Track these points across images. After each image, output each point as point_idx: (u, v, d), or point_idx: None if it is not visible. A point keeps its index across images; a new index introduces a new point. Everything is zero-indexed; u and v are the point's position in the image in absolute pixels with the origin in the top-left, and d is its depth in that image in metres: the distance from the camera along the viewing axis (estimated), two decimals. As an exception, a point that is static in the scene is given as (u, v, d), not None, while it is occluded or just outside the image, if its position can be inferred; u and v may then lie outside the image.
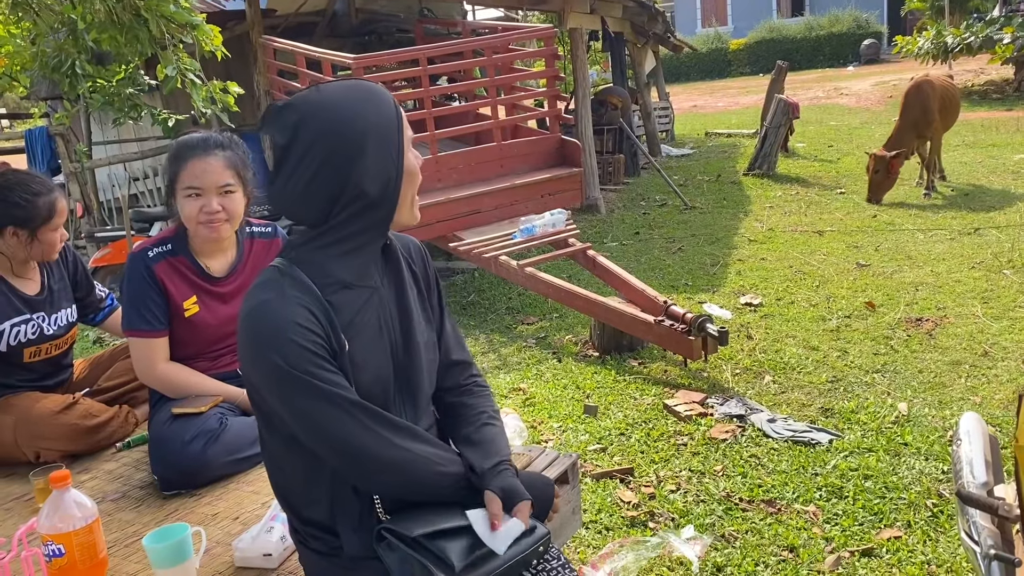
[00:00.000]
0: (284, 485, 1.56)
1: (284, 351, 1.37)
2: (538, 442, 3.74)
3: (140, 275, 2.33)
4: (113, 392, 2.71)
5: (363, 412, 1.41)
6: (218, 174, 2.30)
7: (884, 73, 20.50)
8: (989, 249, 6.13)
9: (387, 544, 1.42)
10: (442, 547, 1.37)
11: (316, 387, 1.38)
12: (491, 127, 6.76)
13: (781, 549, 2.77)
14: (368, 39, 10.01)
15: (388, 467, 1.42)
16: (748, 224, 7.85)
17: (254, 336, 1.40)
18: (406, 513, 1.46)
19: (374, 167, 1.42)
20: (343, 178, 1.41)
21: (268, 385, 1.41)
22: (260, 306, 1.41)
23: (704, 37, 30.36)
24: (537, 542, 1.46)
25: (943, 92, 8.09)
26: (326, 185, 1.41)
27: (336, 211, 1.43)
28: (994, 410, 3.61)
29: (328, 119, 1.41)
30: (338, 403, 1.39)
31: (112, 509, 2.16)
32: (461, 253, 5.80)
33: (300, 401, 1.39)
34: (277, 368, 1.37)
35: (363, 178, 1.42)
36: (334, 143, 1.40)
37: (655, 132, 12.80)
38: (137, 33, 5.00)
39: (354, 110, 1.43)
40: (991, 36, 15.22)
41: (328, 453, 1.43)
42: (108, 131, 9.43)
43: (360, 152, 1.41)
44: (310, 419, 1.39)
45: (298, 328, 1.38)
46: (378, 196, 1.44)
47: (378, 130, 1.43)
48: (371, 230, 1.48)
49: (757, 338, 4.76)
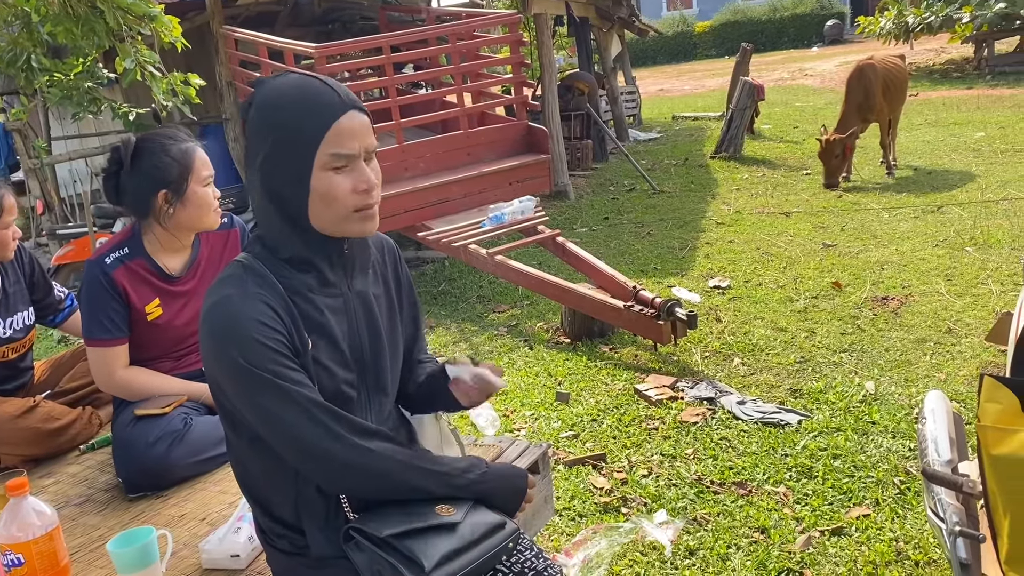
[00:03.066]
0: (250, 484, 1.53)
1: (246, 349, 1.35)
2: (511, 431, 3.74)
3: (99, 283, 2.28)
4: (76, 394, 2.66)
5: (326, 413, 1.38)
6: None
7: (848, 53, 20.64)
8: (952, 227, 6.21)
9: (355, 544, 1.40)
10: (411, 547, 1.35)
11: (278, 386, 1.35)
12: (457, 115, 6.72)
13: (752, 531, 2.80)
14: (332, 28, 9.90)
15: (353, 469, 1.40)
16: (715, 207, 7.89)
17: (215, 333, 1.38)
18: (374, 512, 1.44)
19: (281, 167, 1.39)
20: (267, 174, 1.40)
21: (230, 383, 1.39)
22: (221, 302, 1.38)
23: (670, 20, 30.44)
24: (507, 538, 1.45)
25: (886, 75, 8.06)
26: (259, 180, 1.41)
27: (274, 207, 1.42)
28: (958, 386, 3.66)
29: (265, 110, 1.40)
30: (301, 404, 1.36)
31: (76, 513, 2.13)
32: (430, 243, 5.78)
33: (262, 401, 1.36)
34: (239, 366, 1.35)
35: (271, 177, 1.40)
36: (272, 136, 1.38)
37: (622, 117, 12.81)
38: (93, 25, 4.90)
39: (284, 104, 1.38)
40: (951, 15, 15.37)
41: (292, 455, 1.40)
42: (68, 126, 9.26)
43: (263, 147, 1.39)
44: (273, 419, 1.37)
45: (260, 326, 1.36)
46: (287, 200, 1.41)
47: (285, 131, 1.37)
48: (294, 235, 1.44)
49: (726, 321, 4.80)
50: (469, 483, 1.49)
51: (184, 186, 2.27)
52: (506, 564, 1.53)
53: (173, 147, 2.26)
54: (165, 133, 2.32)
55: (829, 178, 8.07)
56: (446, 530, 1.40)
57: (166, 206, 2.28)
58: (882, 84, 8.00)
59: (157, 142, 2.28)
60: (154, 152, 2.25)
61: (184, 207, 2.28)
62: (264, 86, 1.41)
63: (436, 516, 1.41)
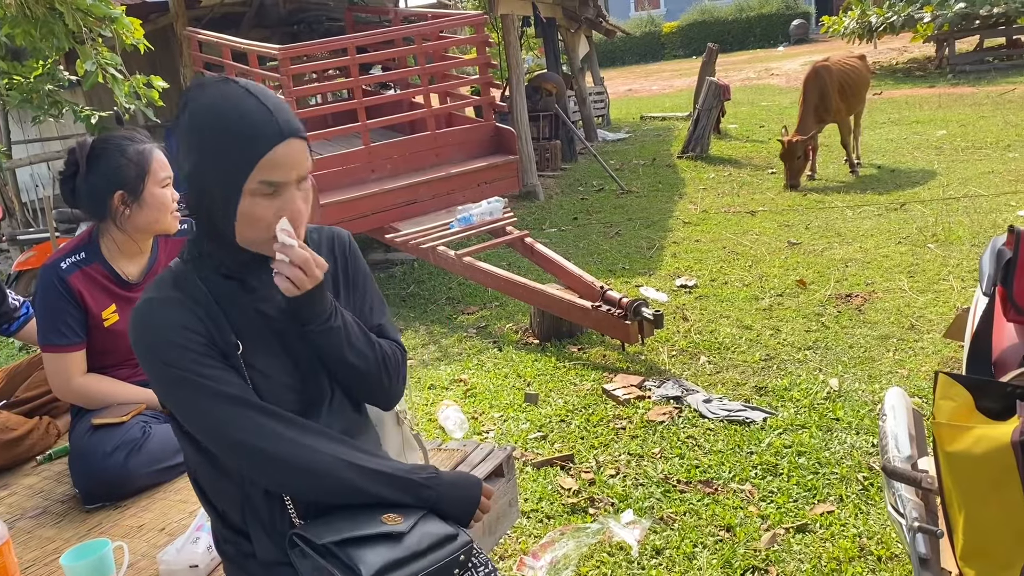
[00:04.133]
0: (203, 488, 1.51)
1: (163, 352, 1.36)
2: (479, 433, 3.74)
3: (54, 288, 2.24)
4: (32, 403, 2.61)
5: (255, 409, 1.37)
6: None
7: (813, 53, 20.86)
8: (914, 224, 6.29)
9: (300, 551, 1.37)
10: (352, 555, 1.32)
11: (199, 384, 1.35)
12: (425, 115, 6.69)
13: (718, 529, 2.81)
14: (297, 29, 9.83)
15: (288, 465, 1.37)
16: (683, 206, 7.94)
17: (137, 338, 1.40)
18: (319, 519, 1.41)
19: (210, 185, 1.35)
20: (195, 187, 1.38)
21: (159, 387, 1.41)
22: (141, 308, 1.40)
23: (637, 21, 30.59)
24: (458, 550, 1.40)
25: (842, 76, 8.10)
26: (187, 188, 1.40)
27: (201, 219, 1.41)
28: (921, 382, 3.71)
29: (197, 127, 1.35)
30: (228, 401, 1.35)
31: (32, 526, 2.09)
32: (398, 244, 5.75)
33: (189, 401, 1.37)
34: (160, 368, 1.37)
35: (199, 192, 1.37)
36: (202, 154, 1.35)
37: (591, 117, 12.85)
38: (52, 27, 4.83)
39: (218, 125, 1.34)
40: (912, 15, 15.61)
41: (229, 455, 1.39)
42: (28, 129, 9.12)
43: (192, 159, 1.35)
44: (203, 420, 1.37)
45: (178, 329, 1.36)
46: (214, 215, 1.37)
47: (215, 154, 1.33)
48: (221, 248, 1.41)
49: (692, 319, 4.82)
50: (416, 486, 1.45)
51: (141, 187, 2.23)
52: None
53: (130, 148, 2.23)
54: (122, 135, 2.28)
55: (792, 179, 8.14)
56: (390, 539, 1.36)
57: (123, 208, 2.24)
58: (838, 85, 8.06)
59: (113, 143, 2.24)
60: (110, 153, 2.22)
61: (141, 209, 2.25)
62: (200, 97, 1.35)
63: (381, 524, 1.37)
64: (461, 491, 1.51)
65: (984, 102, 11.72)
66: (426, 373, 4.52)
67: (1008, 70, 14.49)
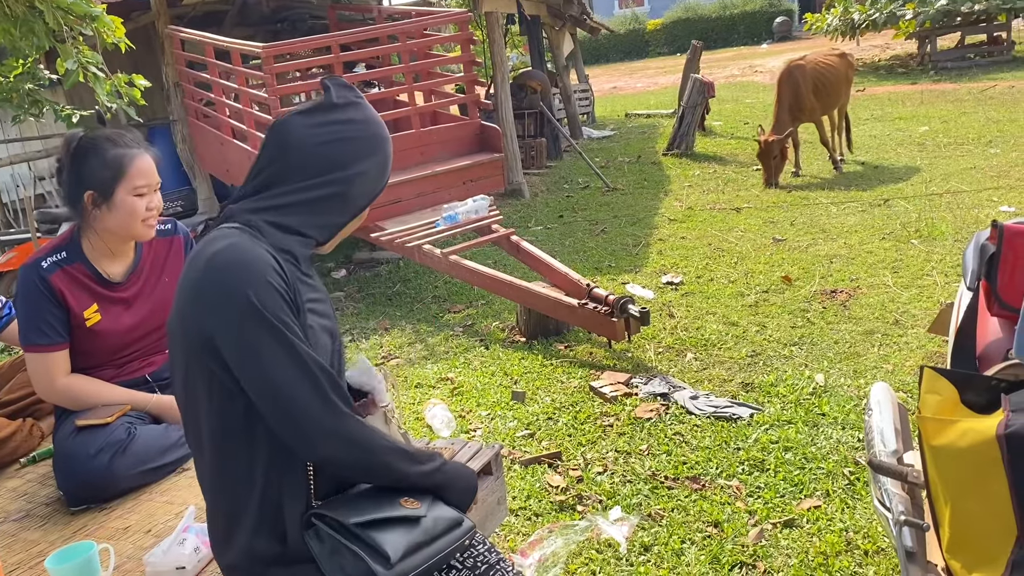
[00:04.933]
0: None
1: (260, 291, 1.33)
2: (466, 431, 3.73)
3: (35, 288, 2.22)
4: (15, 405, 2.58)
5: (326, 376, 1.38)
6: (156, 172, 2.28)
7: (796, 50, 20.91)
8: (898, 220, 6.33)
9: (315, 532, 1.39)
10: (377, 537, 1.34)
11: (286, 339, 1.34)
12: (409, 114, 6.67)
13: (706, 525, 2.82)
14: (280, 27, 9.77)
15: (337, 437, 1.37)
16: (668, 204, 7.96)
17: (225, 273, 1.34)
18: (339, 499, 1.44)
19: (372, 173, 1.53)
20: (350, 158, 1.48)
21: (234, 330, 1.33)
22: (232, 246, 1.36)
23: (621, 18, 30.64)
24: (464, 535, 1.47)
25: (817, 74, 8.09)
26: (341, 151, 1.48)
27: (323, 178, 1.47)
28: (905, 377, 3.73)
29: (375, 117, 1.55)
30: (304, 363, 1.35)
31: (16, 529, 2.07)
32: (383, 243, 5.73)
33: (267, 351, 1.33)
34: (252, 309, 1.32)
35: (361, 174, 1.50)
36: (370, 131, 1.52)
37: (576, 115, 12.86)
38: (32, 26, 4.78)
39: (386, 130, 1.57)
40: (895, 12, 15.72)
41: (278, 414, 1.36)
42: (9, 129, 9.03)
43: (372, 154, 1.51)
44: (272, 374, 1.34)
45: (273, 272, 1.36)
46: (354, 197, 1.51)
47: (388, 157, 1.56)
48: (322, 219, 1.49)
49: (679, 316, 4.83)
50: (432, 472, 1.49)
51: (112, 191, 2.20)
52: (460, 559, 1.55)
53: (109, 150, 2.20)
54: (107, 134, 2.25)
55: (769, 178, 8.17)
56: (410, 523, 1.40)
57: (93, 208, 2.23)
58: (812, 84, 8.06)
59: (96, 143, 2.22)
60: (88, 153, 2.20)
61: (111, 212, 2.22)
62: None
63: (401, 508, 1.41)
64: (464, 481, 1.57)
65: (966, 98, 11.82)
66: (412, 372, 4.51)
67: (989, 66, 14.62)
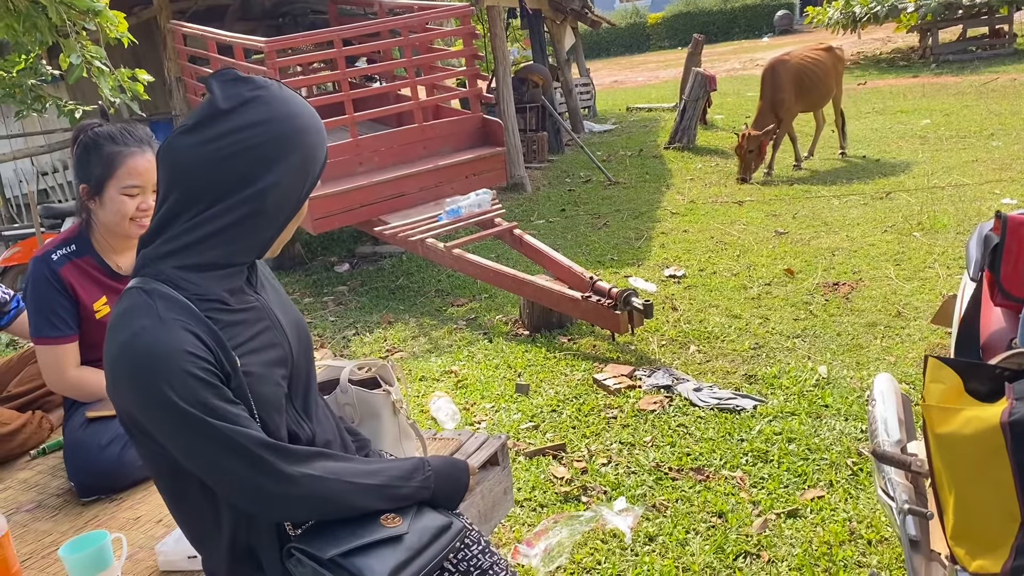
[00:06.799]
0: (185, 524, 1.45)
1: (175, 383, 1.22)
2: (471, 424, 3.75)
3: (45, 280, 2.23)
4: (25, 398, 2.60)
5: (265, 449, 1.29)
6: (154, 172, 2.24)
7: (797, 43, 20.87)
8: (900, 212, 6.34)
9: (297, 560, 1.34)
10: (359, 565, 1.31)
11: (213, 427, 1.24)
12: (411, 108, 6.68)
13: (710, 515, 2.84)
14: (282, 21, 9.79)
15: (294, 501, 1.32)
16: (670, 197, 7.96)
17: (136, 371, 1.23)
18: (317, 530, 1.38)
19: (290, 178, 1.32)
20: (257, 170, 1.28)
21: (159, 425, 1.26)
22: (138, 335, 1.24)
23: (622, 12, 30.60)
24: (454, 539, 1.43)
25: (801, 71, 8.03)
26: (242, 166, 1.28)
27: (226, 203, 1.29)
28: (908, 368, 3.75)
29: (283, 109, 1.31)
30: (238, 447, 1.26)
31: (28, 520, 2.09)
32: (387, 237, 5.75)
33: (197, 444, 1.25)
34: (170, 404, 1.22)
35: (274, 185, 1.31)
36: (275, 131, 1.30)
37: (577, 108, 12.86)
38: (36, 21, 4.79)
39: (308, 114, 1.34)
40: (896, 5, 15.70)
41: (230, 496, 1.32)
42: (11, 124, 9.05)
43: (284, 156, 1.30)
44: (210, 465, 1.28)
45: (188, 356, 1.23)
46: (274, 209, 1.32)
47: (311, 149, 1.34)
48: (243, 244, 1.33)
49: (682, 309, 4.85)
50: (414, 491, 1.44)
51: (102, 187, 2.22)
52: (452, 562, 1.52)
53: (106, 147, 2.20)
54: (111, 131, 2.26)
55: (743, 172, 8.16)
56: (393, 542, 1.35)
57: (88, 201, 2.25)
58: (795, 81, 8.01)
59: (97, 137, 2.22)
60: (88, 147, 2.21)
61: (102, 207, 2.24)
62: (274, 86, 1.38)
63: (382, 528, 1.36)
64: (452, 482, 1.52)
65: (967, 91, 11.81)
66: (417, 365, 4.52)
67: (991, 59, 14.60)
